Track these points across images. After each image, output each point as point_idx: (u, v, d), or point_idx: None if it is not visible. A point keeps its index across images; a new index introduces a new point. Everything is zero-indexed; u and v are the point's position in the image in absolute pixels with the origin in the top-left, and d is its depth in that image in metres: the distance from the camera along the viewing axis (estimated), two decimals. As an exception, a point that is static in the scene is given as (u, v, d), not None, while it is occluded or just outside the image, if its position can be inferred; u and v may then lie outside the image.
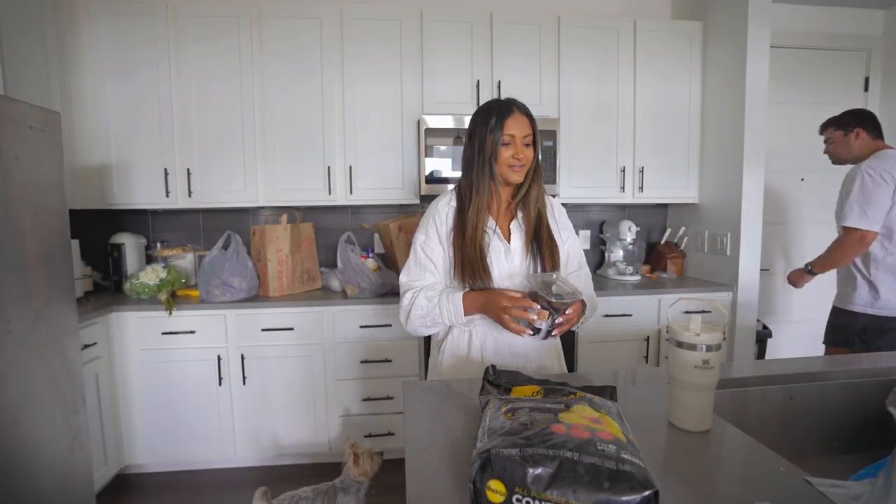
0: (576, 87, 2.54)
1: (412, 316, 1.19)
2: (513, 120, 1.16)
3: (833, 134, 2.02)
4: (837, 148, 2.02)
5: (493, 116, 1.17)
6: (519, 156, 1.16)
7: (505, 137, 1.15)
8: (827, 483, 0.66)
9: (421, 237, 1.23)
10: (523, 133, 1.17)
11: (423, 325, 1.19)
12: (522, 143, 1.17)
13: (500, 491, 0.53)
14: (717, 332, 0.85)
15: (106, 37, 2.27)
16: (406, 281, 1.24)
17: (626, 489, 0.51)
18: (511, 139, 1.16)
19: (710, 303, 1.00)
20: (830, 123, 2.04)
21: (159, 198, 2.36)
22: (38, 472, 1.54)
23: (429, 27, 2.41)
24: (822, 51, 2.87)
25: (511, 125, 1.16)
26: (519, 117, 1.17)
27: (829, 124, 2.05)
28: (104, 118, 2.30)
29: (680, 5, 2.82)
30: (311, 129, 2.40)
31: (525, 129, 1.17)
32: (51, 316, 1.62)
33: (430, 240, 1.22)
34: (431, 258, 1.22)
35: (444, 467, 0.71)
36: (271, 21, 2.33)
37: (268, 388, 2.23)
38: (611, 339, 2.38)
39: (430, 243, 1.22)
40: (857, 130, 1.96)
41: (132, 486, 2.21)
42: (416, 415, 0.92)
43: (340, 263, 2.30)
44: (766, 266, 2.87)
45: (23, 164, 1.51)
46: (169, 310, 2.13)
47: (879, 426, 1.05)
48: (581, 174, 2.58)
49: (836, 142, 2.01)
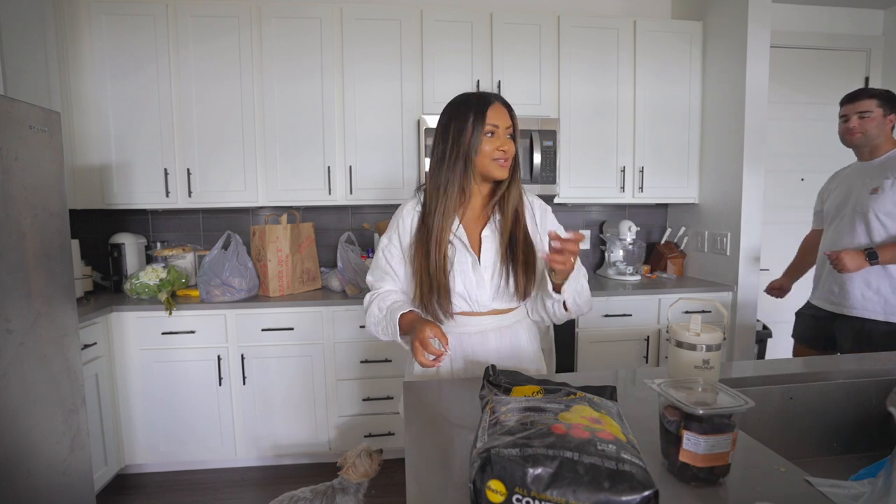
0: (576, 86, 2.54)
1: (367, 322, 1.18)
2: (494, 110, 1.08)
3: (876, 109, 1.76)
4: (871, 126, 1.76)
5: (471, 108, 1.08)
6: (504, 147, 1.08)
7: (488, 127, 1.07)
8: (827, 483, 0.66)
9: (384, 240, 1.20)
10: (506, 124, 1.09)
11: (376, 332, 1.16)
12: (506, 135, 1.10)
13: (500, 491, 0.53)
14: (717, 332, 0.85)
15: (106, 37, 2.27)
16: (370, 280, 1.23)
17: (626, 489, 0.51)
18: (494, 129, 1.08)
19: (710, 303, 1.00)
20: (876, 95, 1.77)
21: (159, 198, 2.36)
22: (38, 472, 1.54)
23: (429, 27, 2.41)
24: (822, 51, 2.87)
25: (493, 115, 1.08)
26: (500, 108, 1.09)
27: (875, 96, 1.77)
28: (104, 118, 2.30)
29: (680, 5, 2.82)
30: (311, 129, 2.40)
31: (507, 121, 1.10)
32: (51, 316, 1.62)
33: (392, 246, 1.18)
34: (391, 264, 1.18)
35: (444, 467, 0.71)
36: (271, 21, 2.33)
37: (268, 388, 2.23)
38: (611, 339, 2.38)
39: (392, 249, 1.18)
40: (893, 117, 1.78)
41: (132, 486, 2.21)
42: (416, 415, 0.92)
43: (340, 263, 2.30)
44: (766, 266, 2.87)
45: (23, 164, 1.50)
46: (169, 310, 2.13)
47: (879, 426, 1.05)
48: (581, 174, 2.58)
49: (876, 120, 1.76)
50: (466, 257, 1.12)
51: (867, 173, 1.80)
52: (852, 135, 1.79)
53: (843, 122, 1.83)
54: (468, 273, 1.12)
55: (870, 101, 1.76)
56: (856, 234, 1.78)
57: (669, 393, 0.68)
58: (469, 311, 1.14)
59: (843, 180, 1.91)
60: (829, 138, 2.91)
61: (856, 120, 1.78)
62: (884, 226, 1.73)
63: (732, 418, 0.65)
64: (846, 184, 1.88)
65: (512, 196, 1.14)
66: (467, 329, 1.15)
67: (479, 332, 1.15)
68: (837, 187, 1.93)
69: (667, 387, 0.70)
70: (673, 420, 0.67)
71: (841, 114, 1.84)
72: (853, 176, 1.87)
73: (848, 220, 1.81)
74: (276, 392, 2.24)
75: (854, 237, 1.78)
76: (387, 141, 2.44)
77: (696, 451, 0.64)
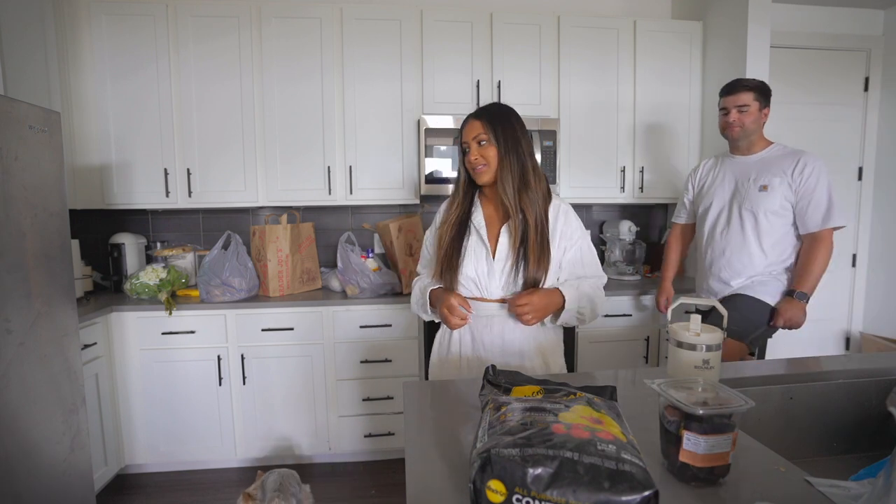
0: (576, 86, 2.54)
1: (412, 303, 1.37)
2: (466, 128, 1.25)
3: (752, 102, 1.72)
4: (749, 121, 1.73)
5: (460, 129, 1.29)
6: (472, 157, 1.23)
7: (463, 145, 1.26)
8: (827, 483, 0.66)
9: (427, 233, 1.41)
10: (473, 135, 1.23)
11: (417, 310, 1.36)
12: (476, 144, 1.23)
13: (500, 491, 0.53)
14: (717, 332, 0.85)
15: (106, 37, 2.27)
16: (418, 269, 1.44)
17: (626, 489, 0.51)
18: (467, 145, 1.25)
19: (711, 303, 1.00)
20: (752, 88, 1.72)
21: (159, 198, 2.36)
22: (38, 472, 1.54)
23: (429, 27, 2.41)
24: (822, 51, 2.87)
25: (465, 133, 1.25)
26: (471, 122, 1.24)
27: (751, 88, 1.72)
28: (104, 118, 2.30)
29: (680, 5, 2.82)
30: (312, 129, 2.40)
31: (475, 131, 1.23)
32: (51, 316, 1.62)
33: (431, 235, 1.38)
34: (430, 252, 1.38)
35: (444, 467, 0.71)
36: (271, 21, 2.33)
37: (268, 388, 2.23)
38: (611, 339, 2.38)
39: (431, 239, 1.38)
40: (767, 110, 1.75)
41: (132, 486, 2.21)
42: (416, 415, 0.92)
43: (340, 263, 2.30)
44: (766, 266, 2.87)
45: (23, 164, 1.50)
46: (169, 310, 2.13)
47: (879, 426, 1.05)
48: (581, 174, 2.58)
49: (753, 115, 1.73)
50: (481, 247, 1.25)
51: (751, 169, 1.78)
52: (732, 129, 1.77)
53: (723, 114, 1.80)
54: (481, 261, 1.24)
55: (747, 95, 1.72)
56: (746, 234, 1.77)
57: (669, 393, 0.68)
58: (479, 297, 1.25)
59: (724, 174, 1.86)
60: (830, 138, 2.92)
61: (735, 114, 1.75)
62: (771, 225, 1.73)
63: (732, 418, 0.65)
64: (730, 179, 1.83)
65: (508, 192, 1.23)
66: (477, 313, 1.25)
67: (487, 316, 1.25)
68: (716, 182, 1.88)
69: (667, 387, 0.70)
70: (673, 420, 0.67)
71: (721, 106, 1.81)
72: (736, 171, 1.83)
73: (737, 219, 1.79)
74: (276, 392, 2.24)
75: (744, 237, 1.77)
76: (387, 141, 2.44)
77: (696, 451, 0.64)
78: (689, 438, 0.65)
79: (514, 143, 1.21)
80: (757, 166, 1.77)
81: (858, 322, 3.07)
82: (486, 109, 1.25)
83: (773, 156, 1.76)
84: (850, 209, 2.98)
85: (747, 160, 1.81)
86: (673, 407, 0.67)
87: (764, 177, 1.73)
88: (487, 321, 1.25)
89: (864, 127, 2.94)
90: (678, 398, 0.66)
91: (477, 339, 1.26)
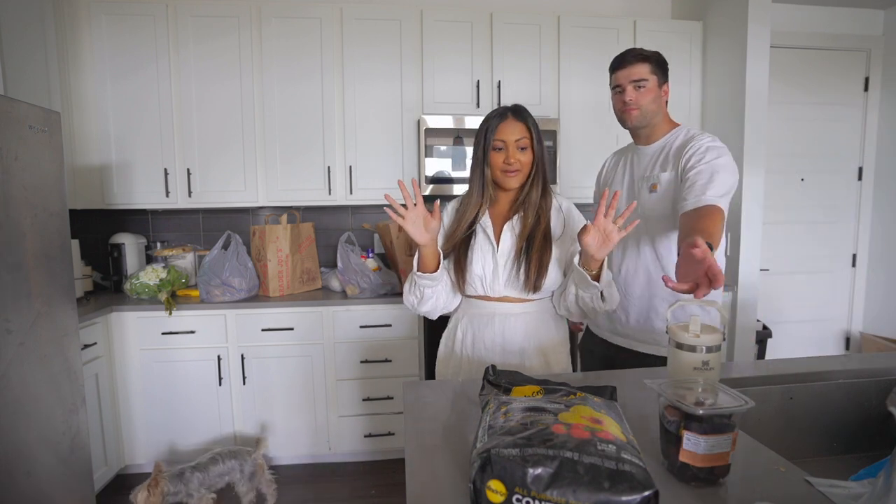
0: (576, 87, 2.54)
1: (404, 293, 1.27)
2: (505, 125, 1.18)
3: (650, 76, 1.32)
4: (647, 100, 1.32)
5: (488, 123, 1.21)
6: (510, 160, 1.18)
7: (496, 143, 1.19)
8: (827, 483, 0.66)
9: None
10: (515, 137, 1.18)
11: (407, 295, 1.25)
12: (516, 148, 1.18)
13: (500, 491, 0.53)
14: (717, 334, 0.85)
15: (106, 37, 2.27)
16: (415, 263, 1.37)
17: (626, 489, 0.51)
18: (503, 144, 1.18)
19: (711, 303, 1.00)
20: (649, 58, 1.32)
21: (159, 198, 2.36)
22: (38, 472, 1.54)
23: (429, 27, 2.41)
24: (822, 51, 2.87)
25: (503, 130, 1.18)
26: (512, 122, 1.19)
27: (648, 58, 1.32)
28: (104, 118, 2.30)
29: (680, 5, 2.82)
30: (311, 129, 2.40)
31: (517, 133, 1.18)
32: (51, 316, 1.62)
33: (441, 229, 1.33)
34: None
35: (444, 467, 0.71)
36: (271, 21, 2.33)
37: (268, 388, 2.23)
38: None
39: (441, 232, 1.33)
40: (667, 87, 1.37)
41: (132, 486, 2.19)
42: (416, 415, 0.92)
43: (340, 263, 2.30)
44: (765, 266, 2.87)
45: (23, 164, 1.50)
46: (169, 310, 2.13)
47: (879, 426, 1.04)
48: (581, 174, 2.57)
49: (652, 92, 1.33)
50: (487, 245, 1.24)
51: (646, 164, 1.39)
52: (630, 112, 1.34)
53: (616, 93, 1.37)
54: (487, 258, 1.23)
55: (643, 66, 1.32)
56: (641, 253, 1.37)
57: (669, 393, 0.68)
58: (483, 295, 1.25)
59: (623, 172, 1.47)
60: (830, 138, 2.92)
61: (632, 91, 1.32)
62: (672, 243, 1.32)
63: (732, 418, 0.65)
64: (628, 179, 1.44)
65: (531, 200, 1.22)
66: (479, 311, 1.26)
67: (488, 314, 1.25)
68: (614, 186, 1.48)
69: (667, 387, 0.70)
70: (673, 420, 0.67)
71: (613, 84, 1.38)
72: (634, 166, 1.43)
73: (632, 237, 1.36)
74: (276, 392, 2.24)
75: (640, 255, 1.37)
76: (387, 141, 2.44)
77: (696, 451, 0.64)
78: (689, 438, 0.65)
79: (543, 149, 1.22)
80: (654, 159, 1.37)
81: (858, 322, 3.07)
82: (526, 112, 1.21)
83: (673, 142, 1.34)
84: (850, 209, 2.99)
85: (647, 151, 1.40)
86: (673, 407, 0.67)
87: (654, 174, 1.34)
88: (489, 319, 1.25)
89: (864, 127, 2.94)
90: (678, 398, 0.66)
91: (478, 338, 1.27)
